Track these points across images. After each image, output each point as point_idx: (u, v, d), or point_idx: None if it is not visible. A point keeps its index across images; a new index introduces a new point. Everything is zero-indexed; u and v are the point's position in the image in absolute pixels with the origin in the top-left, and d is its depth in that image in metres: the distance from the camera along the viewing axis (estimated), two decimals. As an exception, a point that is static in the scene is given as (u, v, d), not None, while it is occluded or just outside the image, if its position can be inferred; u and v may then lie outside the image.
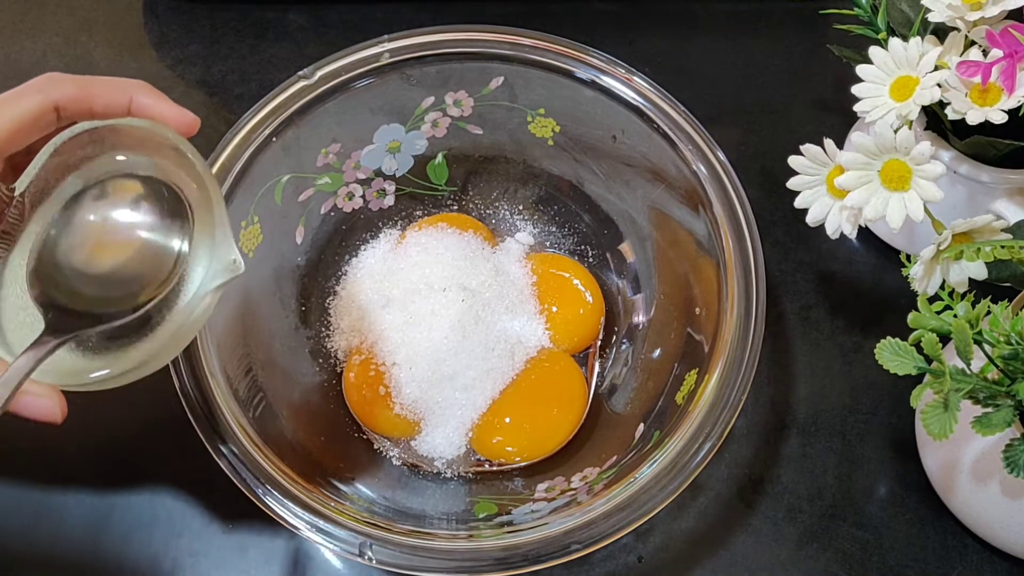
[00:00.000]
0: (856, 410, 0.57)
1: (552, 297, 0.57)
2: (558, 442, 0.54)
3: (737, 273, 0.50)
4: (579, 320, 0.57)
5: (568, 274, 0.58)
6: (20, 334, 0.42)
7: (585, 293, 0.57)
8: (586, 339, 0.57)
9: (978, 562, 0.53)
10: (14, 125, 0.41)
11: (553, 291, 0.57)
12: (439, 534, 0.46)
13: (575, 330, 0.57)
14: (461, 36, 0.55)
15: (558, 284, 0.58)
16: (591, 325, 0.57)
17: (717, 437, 0.46)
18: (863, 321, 0.60)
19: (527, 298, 0.57)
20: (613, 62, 0.54)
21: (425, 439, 0.54)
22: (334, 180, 0.57)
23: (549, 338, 0.56)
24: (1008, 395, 0.41)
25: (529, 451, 0.54)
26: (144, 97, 0.43)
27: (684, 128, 0.53)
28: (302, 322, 0.57)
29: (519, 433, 0.54)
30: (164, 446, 0.56)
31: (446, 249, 0.57)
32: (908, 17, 0.51)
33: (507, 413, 0.54)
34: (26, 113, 0.41)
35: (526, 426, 0.54)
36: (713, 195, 0.52)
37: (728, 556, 0.53)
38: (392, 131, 0.57)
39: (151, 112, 0.43)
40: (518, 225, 0.61)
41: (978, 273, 0.46)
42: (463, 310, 0.54)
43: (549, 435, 0.54)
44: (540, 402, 0.54)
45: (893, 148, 0.45)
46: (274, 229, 0.55)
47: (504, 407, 0.54)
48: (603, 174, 0.58)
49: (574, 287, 0.58)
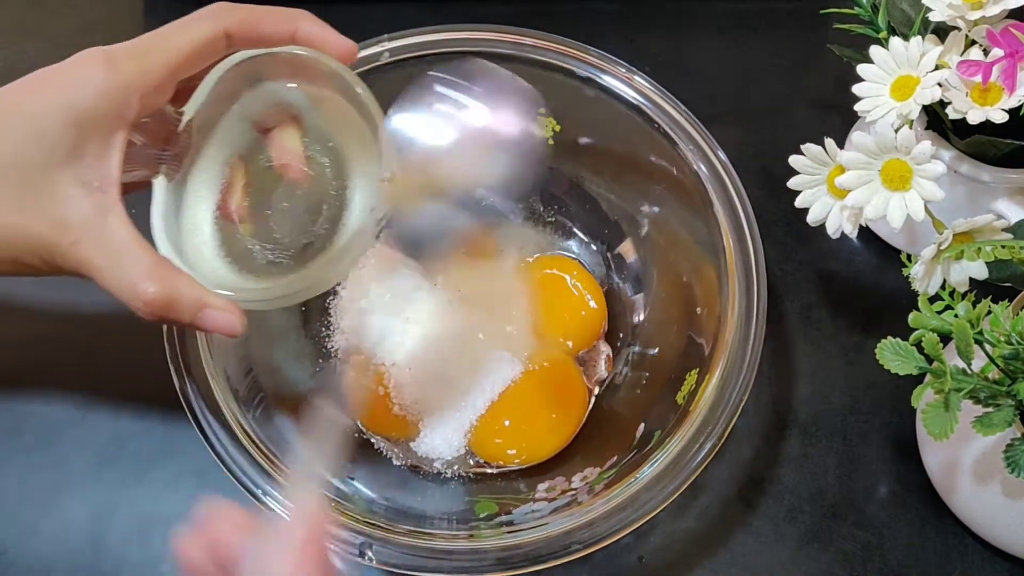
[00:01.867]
0: (857, 410, 0.57)
1: (554, 300, 0.57)
2: (557, 445, 0.54)
3: (738, 273, 0.50)
4: (581, 323, 0.57)
5: (570, 277, 0.58)
6: (197, 257, 0.43)
7: (587, 296, 0.57)
8: (588, 341, 0.57)
9: (979, 562, 0.53)
10: (190, 48, 0.42)
11: (555, 294, 0.57)
12: (439, 534, 0.46)
13: (577, 333, 0.57)
14: (461, 35, 0.55)
15: (560, 287, 0.58)
16: (593, 328, 0.57)
17: (718, 437, 0.46)
18: (864, 321, 0.60)
19: (528, 300, 0.57)
20: (613, 61, 0.54)
21: (424, 440, 0.54)
22: (334, 180, 0.57)
23: (550, 340, 0.56)
24: (1009, 395, 0.41)
25: (528, 453, 0.54)
26: (309, 25, 0.44)
27: (684, 127, 0.53)
28: (302, 322, 0.57)
29: (518, 436, 0.54)
30: (164, 446, 0.56)
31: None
32: (909, 16, 0.51)
33: (507, 416, 0.54)
34: (201, 37, 0.42)
35: (525, 429, 0.54)
36: (714, 194, 0.52)
37: (729, 556, 0.53)
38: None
39: (315, 40, 0.44)
40: (518, 225, 0.61)
41: (979, 273, 0.46)
42: (464, 311, 0.54)
43: (548, 438, 0.54)
44: (540, 405, 0.54)
45: (894, 147, 0.45)
46: (274, 229, 0.55)
47: (504, 410, 0.54)
48: (603, 174, 0.58)
49: (576, 290, 0.57)
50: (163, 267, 0.41)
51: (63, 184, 0.40)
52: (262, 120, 0.46)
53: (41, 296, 0.60)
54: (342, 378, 0.56)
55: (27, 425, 0.56)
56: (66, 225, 0.40)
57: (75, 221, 0.40)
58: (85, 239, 0.40)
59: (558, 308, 0.57)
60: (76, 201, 0.40)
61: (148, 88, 0.41)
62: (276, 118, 0.46)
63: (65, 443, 0.56)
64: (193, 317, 0.41)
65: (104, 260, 0.40)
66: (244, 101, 0.45)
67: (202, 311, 0.41)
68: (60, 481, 0.55)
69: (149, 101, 0.41)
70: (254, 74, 0.44)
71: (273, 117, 0.46)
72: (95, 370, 0.58)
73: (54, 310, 0.59)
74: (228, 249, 0.45)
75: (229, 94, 0.44)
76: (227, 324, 0.42)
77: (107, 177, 0.40)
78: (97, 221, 0.40)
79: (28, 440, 0.56)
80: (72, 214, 0.40)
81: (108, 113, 0.40)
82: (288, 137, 0.45)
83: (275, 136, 0.46)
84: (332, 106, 0.45)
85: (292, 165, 0.45)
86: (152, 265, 0.41)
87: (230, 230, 0.45)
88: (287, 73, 0.45)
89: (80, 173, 0.40)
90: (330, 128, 0.45)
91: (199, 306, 0.41)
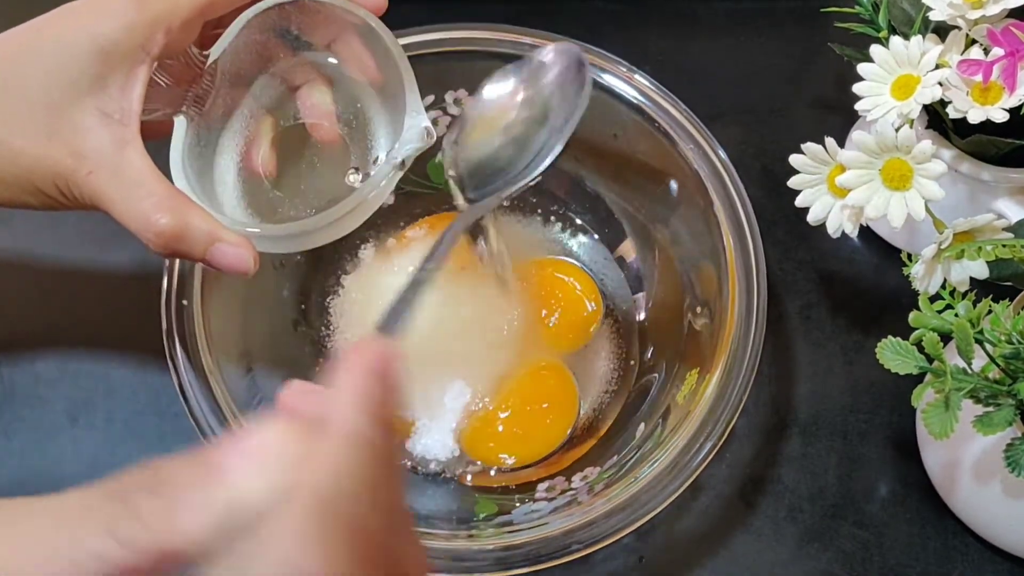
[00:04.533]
0: (857, 409, 0.57)
1: (551, 302, 0.57)
2: (549, 447, 0.54)
3: (738, 272, 0.50)
4: (577, 325, 0.57)
5: (568, 278, 0.58)
6: (216, 200, 0.44)
7: (585, 300, 0.57)
8: (582, 341, 0.57)
9: (979, 562, 0.53)
10: None
11: (551, 296, 0.57)
12: (439, 534, 0.46)
13: (572, 335, 0.57)
14: (461, 35, 0.55)
15: (557, 289, 0.58)
16: (588, 330, 0.57)
17: (718, 437, 0.46)
18: (864, 320, 0.60)
19: (525, 303, 0.57)
20: (614, 61, 0.54)
21: (419, 440, 0.54)
22: (334, 179, 0.57)
23: (543, 342, 0.56)
24: (1009, 394, 0.41)
25: (520, 456, 0.54)
26: None
27: (685, 127, 0.53)
28: (302, 321, 0.57)
29: (511, 439, 0.54)
30: (164, 446, 0.56)
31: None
32: (909, 15, 0.51)
33: (499, 420, 0.54)
34: None
35: (517, 431, 0.54)
36: (714, 194, 0.52)
37: (729, 556, 0.53)
38: (392, 130, 0.57)
39: None
40: (518, 224, 0.61)
41: (979, 272, 0.46)
42: (461, 312, 0.54)
43: (541, 441, 0.54)
44: (531, 408, 0.54)
45: (894, 147, 0.45)
46: (274, 228, 0.55)
47: (495, 413, 0.54)
48: (603, 173, 0.58)
49: (573, 292, 0.57)
50: (177, 199, 0.41)
51: (84, 114, 0.40)
52: (291, 76, 0.46)
53: (35, 293, 0.60)
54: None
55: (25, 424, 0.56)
56: (83, 155, 0.40)
57: (92, 151, 0.40)
58: (100, 169, 0.40)
59: (556, 312, 0.57)
60: (95, 131, 0.40)
61: (174, 24, 0.41)
62: (305, 74, 0.46)
63: (64, 443, 0.55)
64: (204, 251, 0.41)
65: (118, 191, 0.40)
66: (272, 55, 0.45)
67: (214, 245, 0.41)
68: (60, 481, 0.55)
69: (175, 38, 0.41)
70: (283, 23, 0.45)
71: (302, 73, 0.46)
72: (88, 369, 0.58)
73: (49, 310, 0.59)
74: (250, 200, 0.45)
75: (257, 44, 0.45)
76: (238, 260, 0.42)
77: (127, 110, 0.40)
78: (114, 152, 0.40)
79: (17, 446, 0.56)
80: (90, 144, 0.40)
81: (133, 46, 0.40)
82: (318, 95, 0.46)
83: (304, 93, 0.46)
84: (359, 62, 0.45)
85: (321, 124, 0.46)
86: (166, 196, 0.40)
87: (253, 181, 0.45)
88: (314, 23, 0.45)
89: (102, 103, 0.40)
90: (358, 86, 0.46)
91: (211, 239, 0.41)
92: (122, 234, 0.41)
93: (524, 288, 0.57)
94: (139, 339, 0.59)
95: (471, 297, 0.55)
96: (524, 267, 0.58)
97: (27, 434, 0.56)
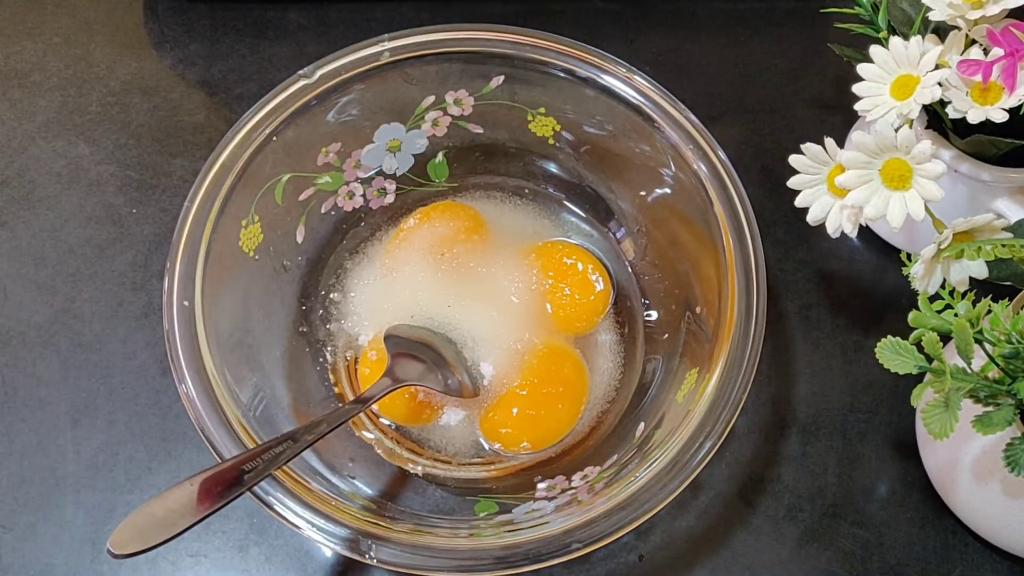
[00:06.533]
0: (857, 409, 0.57)
1: (560, 285, 0.57)
2: (562, 433, 0.54)
3: (738, 272, 0.50)
4: (587, 307, 0.57)
5: (576, 260, 0.58)
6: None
7: (594, 278, 0.57)
8: (593, 322, 0.57)
9: (979, 561, 0.53)
10: None
11: (561, 279, 0.57)
12: (440, 533, 0.46)
13: (583, 316, 0.57)
14: (461, 35, 0.55)
15: (566, 271, 0.58)
16: (599, 310, 0.57)
17: (718, 436, 0.46)
18: (864, 320, 0.60)
19: (530, 291, 0.57)
20: (614, 61, 0.54)
21: (437, 427, 0.54)
22: (335, 179, 0.57)
23: (556, 328, 0.56)
24: (1009, 394, 0.41)
25: (533, 439, 0.54)
26: None
27: (685, 127, 0.53)
28: (303, 321, 0.57)
29: (526, 422, 0.54)
30: (164, 446, 0.56)
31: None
32: (909, 16, 0.51)
33: (515, 404, 0.54)
34: None
35: (533, 415, 0.54)
36: (714, 194, 0.52)
37: (729, 555, 0.53)
38: (392, 130, 0.57)
39: None
40: (518, 224, 0.61)
41: (979, 272, 0.46)
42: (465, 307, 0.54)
43: (555, 426, 0.54)
44: (547, 394, 0.54)
45: (894, 147, 0.45)
46: (275, 228, 0.55)
47: (511, 399, 0.54)
48: (603, 173, 0.58)
49: (582, 274, 0.57)
50: None
51: None
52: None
53: (35, 294, 0.60)
54: (344, 374, 0.56)
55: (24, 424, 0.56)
56: None
57: None
58: None
59: (565, 295, 0.57)
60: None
61: None
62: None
63: (64, 444, 0.56)
64: None
65: None
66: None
67: None
68: (60, 481, 0.55)
69: None
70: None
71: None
72: (89, 371, 0.58)
73: (50, 311, 0.59)
74: None
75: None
76: None
77: None
78: None
79: (18, 447, 0.56)
80: None
81: None
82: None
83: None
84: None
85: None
86: None
87: None
88: None
89: None
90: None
91: None
92: (123, 236, 0.41)
93: (534, 269, 0.57)
94: (140, 340, 0.59)
95: (482, 281, 0.55)
96: (534, 248, 0.58)
97: (28, 436, 0.56)
